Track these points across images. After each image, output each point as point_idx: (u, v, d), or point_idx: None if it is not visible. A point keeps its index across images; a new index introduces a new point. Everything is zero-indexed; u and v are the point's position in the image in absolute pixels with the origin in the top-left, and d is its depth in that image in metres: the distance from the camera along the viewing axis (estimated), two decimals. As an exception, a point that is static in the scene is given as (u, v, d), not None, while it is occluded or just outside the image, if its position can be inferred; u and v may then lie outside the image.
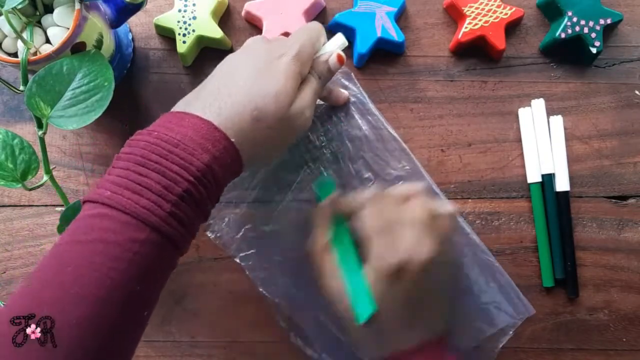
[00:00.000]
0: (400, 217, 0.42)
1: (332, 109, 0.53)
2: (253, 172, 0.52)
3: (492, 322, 0.50)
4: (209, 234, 0.52)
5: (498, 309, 0.50)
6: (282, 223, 0.52)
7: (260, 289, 0.51)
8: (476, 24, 0.52)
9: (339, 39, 0.45)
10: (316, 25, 0.45)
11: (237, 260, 0.51)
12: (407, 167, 0.52)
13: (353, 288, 0.42)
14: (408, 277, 0.41)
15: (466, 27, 0.52)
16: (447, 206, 0.45)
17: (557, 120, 0.52)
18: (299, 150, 0.52)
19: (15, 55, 0.45)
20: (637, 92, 0.54)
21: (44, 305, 0.32)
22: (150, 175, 0.35)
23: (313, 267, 0.45)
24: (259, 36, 0.45)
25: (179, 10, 0.52)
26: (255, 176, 0.52)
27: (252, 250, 0.51)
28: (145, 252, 0.34)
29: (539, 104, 0.53)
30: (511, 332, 0.49)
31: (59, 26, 0.44)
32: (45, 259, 0.34)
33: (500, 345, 0.50)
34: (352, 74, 0.53)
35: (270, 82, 0.40)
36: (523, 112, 0.53)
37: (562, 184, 0.52)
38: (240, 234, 0.52)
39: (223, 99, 0.39)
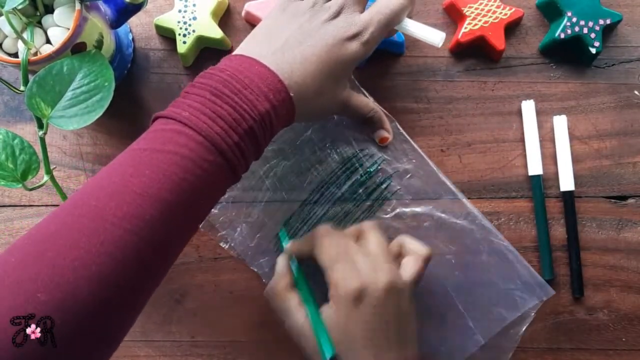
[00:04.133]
0: (355, 248, 0.44)
1: None
2: (263, 178, 0.52)
3: (514, 306, 0.50)
4: (222, 244, 0.52)
5: (519, 293, 0.50)
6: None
7: (265, 281, 0.51)
8: (476, 25, 0.52)
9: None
10: None
11: (255, 270, 0.52)
12: (414, 160, 0.52)
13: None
14: (368, 302, 0.41)
15: (466, 28, 0.52)
16: (421, 248, 0.45)
17: (561, 120, 0.53)
18: (304, 153, 0.52)
19: (15, 55, 0.45)
20: (636, 92, 0.54)
21: (125, 202, 0.35)
22: (223, 107, 0.38)
23: (275, 311, 0.46)
24: None
25: (179, 11, 0.52)
26: (266, 180, 0.52)
27: (266, 258, 0.51)
28: (212, 172, 0.37)
29: (529, 106, 0.53)
30: (533, 314, 0.50)
31: (59, 26, 0.44)
32: (122, 160, 0.37)
33: (524, 329, 0.50)
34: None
35: (339, 70, 0.43)
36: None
37: (566, 184, 0.52)
38: (254, 242, 0.52)
39: (293, 58, 0.42)
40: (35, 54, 0.44)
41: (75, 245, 0.33)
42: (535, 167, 0.52)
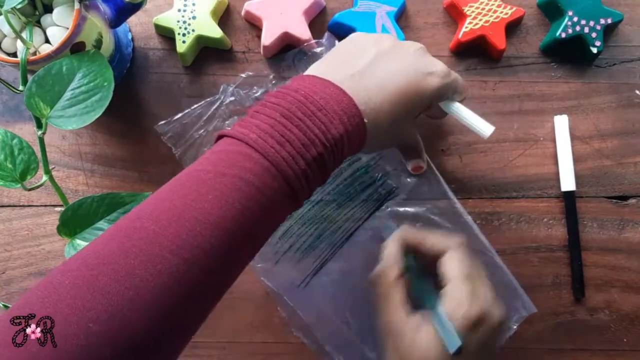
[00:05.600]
0: (481, 274, 0.43)
1: None
2: None
3: None
4: None
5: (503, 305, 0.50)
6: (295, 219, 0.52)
7: (262, 279, 0.51)
8: (476, 24, 0.52)
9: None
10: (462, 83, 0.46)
11: None
12: None
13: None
14: (483, 330, 0.40)
15: (466, 27, 0.52)
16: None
17: (562, 120, 0.52)
18: None
19: (14, 55, 0.45)
20: (637, 91, 0.54)
21: (185, 229, 0.33)
22: (293, 131, 0.36)
23: (375, 297, 0.43)
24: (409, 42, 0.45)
25: (179, 10, 0.52)
26: None
27: None
28: (275, 199, 0.36)
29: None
30: (515, 327, 0.50)
31: (58, 26, 0.44)
32: (185, 181, 0.36)
33: (503, 341, 0.50)
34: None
35: (416, 102, 0.42)
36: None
37: (567, 184, 0.52)
38: None
39: (370, 85, 0.40)
40: (34, 53, 0.43)
41: (130, 273, 0.32)
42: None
